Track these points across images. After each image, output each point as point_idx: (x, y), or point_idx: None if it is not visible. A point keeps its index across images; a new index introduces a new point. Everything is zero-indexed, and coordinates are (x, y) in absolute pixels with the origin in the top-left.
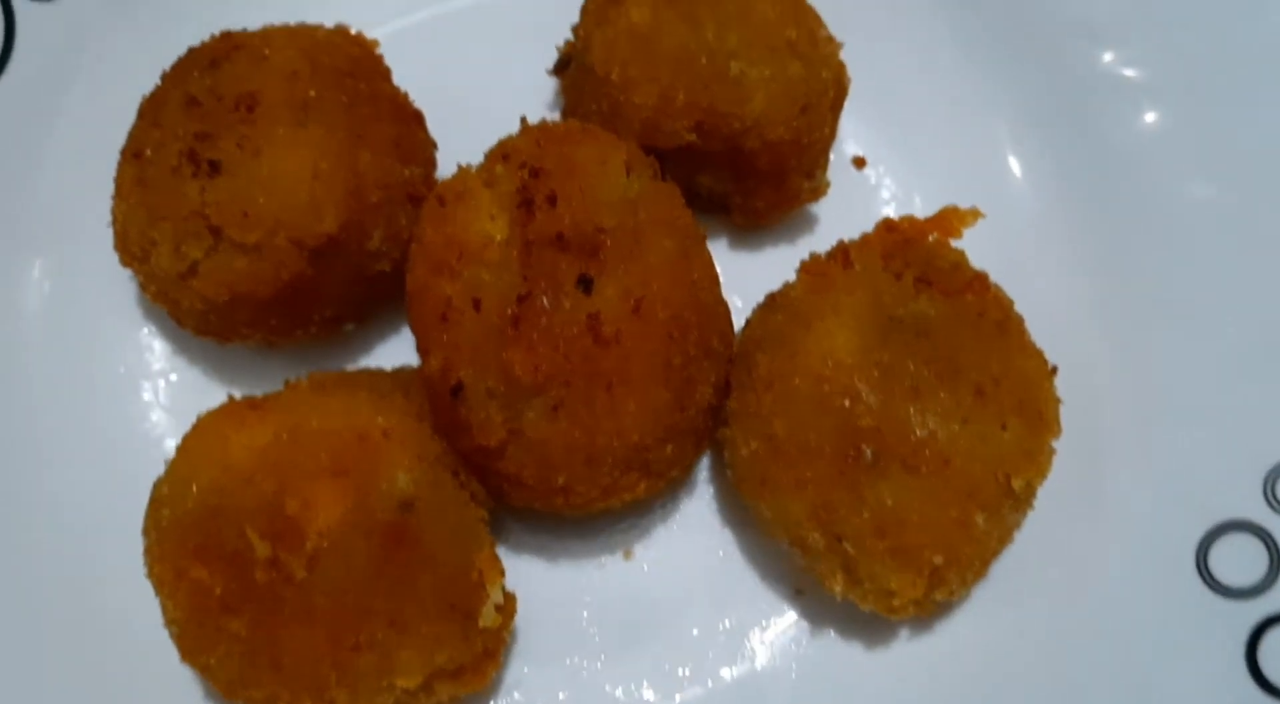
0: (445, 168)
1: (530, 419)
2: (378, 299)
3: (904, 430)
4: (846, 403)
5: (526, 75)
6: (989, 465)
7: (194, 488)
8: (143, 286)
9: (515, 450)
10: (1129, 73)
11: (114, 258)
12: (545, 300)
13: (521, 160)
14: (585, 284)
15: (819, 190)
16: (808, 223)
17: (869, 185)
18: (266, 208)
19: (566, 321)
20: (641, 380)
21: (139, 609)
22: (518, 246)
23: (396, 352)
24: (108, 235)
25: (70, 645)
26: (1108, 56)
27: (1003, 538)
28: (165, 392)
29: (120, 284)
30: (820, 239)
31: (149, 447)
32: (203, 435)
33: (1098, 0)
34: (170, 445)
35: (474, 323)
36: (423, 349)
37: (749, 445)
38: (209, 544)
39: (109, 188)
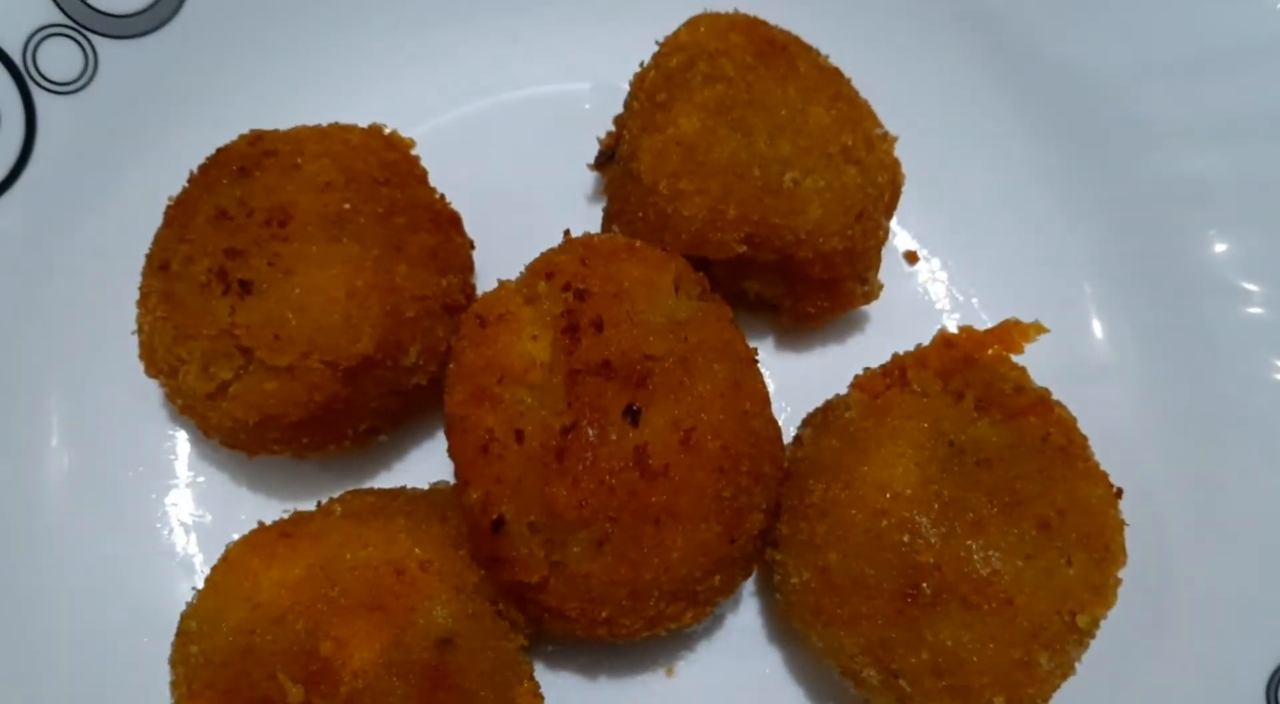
0: (483, 266)
1: (574, 554)
2: (413, 411)
3: (965, 567)
4: (906, 538)
5: (567, 168)
6: (1053, 602)
7: (223, 626)
8: (169, 397)
9: (557, 584)
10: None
11: (136, 365)
12: (591, 432)
13: (565, 281)
14: (633, 415)
15: (872, 294)
16: (858, 321)
17: (921, 280)
18: (299, 329)
19: (613, 454)
20: (690, 514)
21: None
22: (561, 373)
23: (431, 461)
24: (130, 341)
25: None
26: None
27: (1065, 673)
28: (192, 498)
29: (143, 389)
30: (871, 338)
31: (174, 562)
32: (232, 570)
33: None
34: (196, 561)
35: (516, 456)
36: (462, 479)
37: (800, 575)
38: (239, 687)
39: (132, 293)
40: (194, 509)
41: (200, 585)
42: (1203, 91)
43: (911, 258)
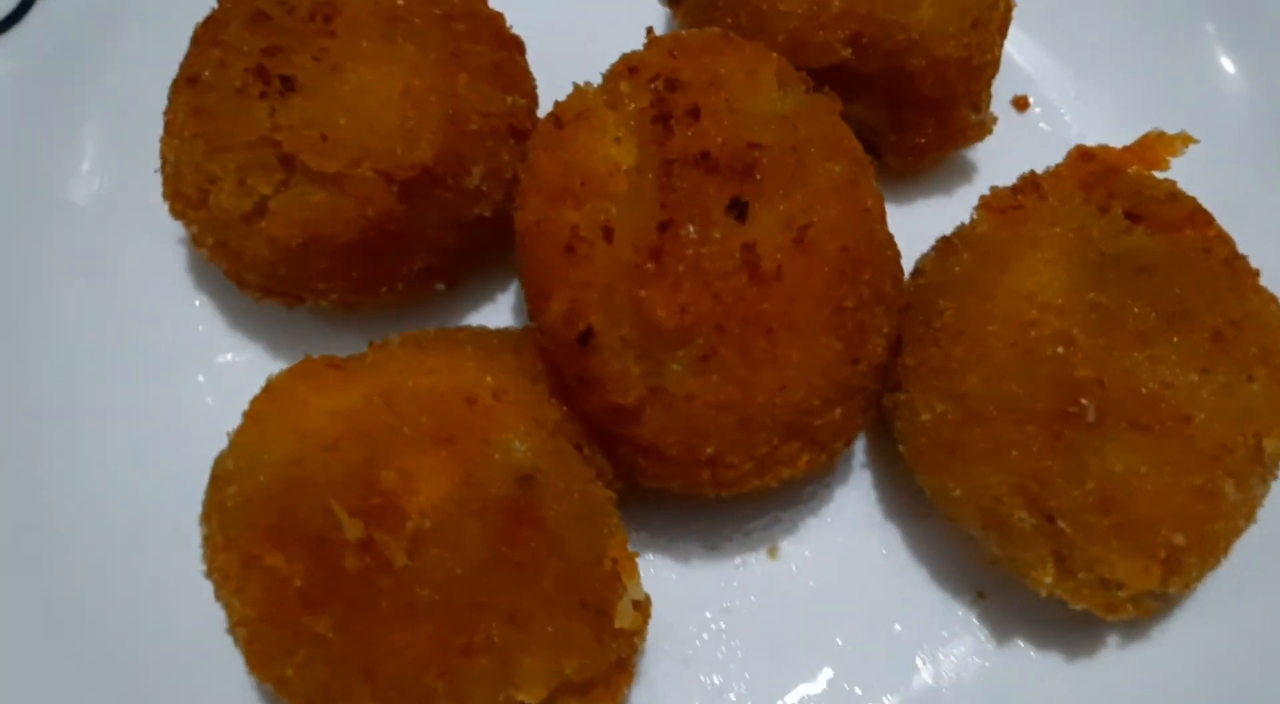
0: (545, 110)
1: (674, 373)
2: (474, 254)
3: (1132, 382)
4: (1060, 350)
5: (636, 8)
6: (1236, 423)
7: (265, 459)
8: (196, 241)
9: (655, 412)
10: None
11: (160, 218)
12: (691, 229)
13: (653, 73)
14: (739, 209)
15: (985, 126)
16: (965, 170)
17: (1033, 130)
18: (349, 131)
19: (717, 254)
20: (807, 326)
21: (191, 621)
22: (653, 170)
23: (495, 321)
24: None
25: (108, 665)
26: None
27: (1249, 513)
28: (223, 374)
29: (167, 247)
30: (981, 190)
31: (203, 442)
32: (275, 398)
33: None
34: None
35: (605, 257)
36: (541, 292)
37: (932, 409)
38: (286, 525)
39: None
40: (225, 387)
41: None
42: None
43: (1021, 104)
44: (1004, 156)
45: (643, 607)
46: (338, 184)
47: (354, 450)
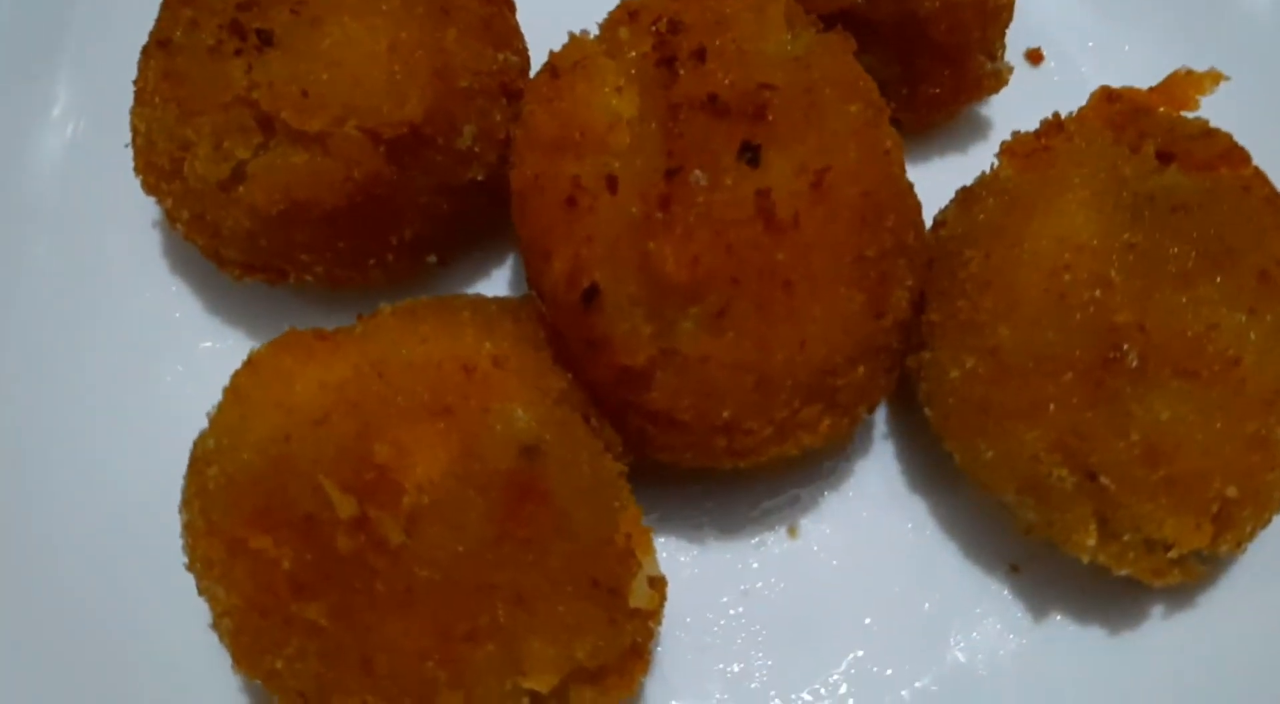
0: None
1: (686, 332)
2: (467, 224)
3: (1175, 324)
4: (1097, 294)
5: None
6: None
7: (249, 436)
8: (171, 217)
9: (666, 375)
10: None
11: (133, 201)
12: (700, 176)
13: (654, 16)
14: (751, 154)
15: (1001, 76)
16: (980, 127)
17: (1049, 83)
18: (332, 88)
19: (729, 202)
20: (827, 277)
21: (174, 621)
22: (657, 118)
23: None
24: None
25: (85, 667)
26: None
27: None
28: (204, 363)
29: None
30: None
31: (184, 436)
32: (258, 372)
33: None
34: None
35: (610, 208)
36: (541, 252)
37: (962, 365)
38: (272, 506)
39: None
40: (202, 376)
41: None
42: None
43: (1035, 57)
44: (1020, 112)
45: (659, 585)
46: (320, 144)
47: (344, 424)
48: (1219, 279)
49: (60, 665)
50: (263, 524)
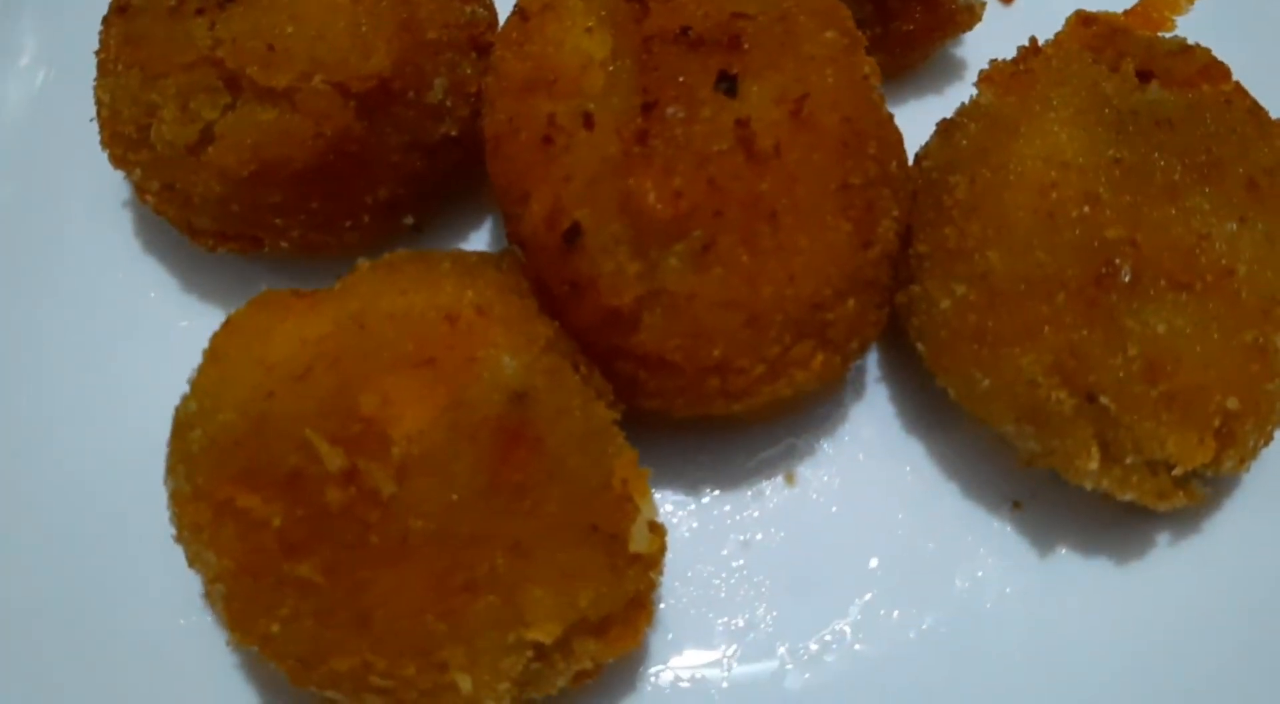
0: None
1: (672, 269)
2: (442, 183)
3: (1167, 237)
4: (1086, 210)
5: None
6: None
7: (230, 396)
8: (140, 189)
9: (654, 316)
10: None
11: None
12: (678, 109)
13: None
14: (728, 83)
15: (975, 11)
16: (954, 68)
17: (1022, 22)
18: (298, 41)
19: (708, 133)
20: (813, 207)
21: (164, 602)
22: (630, 54)
23: None
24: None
25: (75, 650)
26: None
27: None
28: (180, 341)
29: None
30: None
31: (163, 417)
32: (236, 332)
33: None
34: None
35: (587, 146)
36: (519, 196)
37: (952, 294)
38: (258, 465)
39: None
40: (179, 354)
41: None
42: None
43: None
44: (994, 50)
45: (658, 531)
46: (289, 99)
47: (327, 378)
48: (1208, 190)
49: (49, 649)
50: (249, 483)
